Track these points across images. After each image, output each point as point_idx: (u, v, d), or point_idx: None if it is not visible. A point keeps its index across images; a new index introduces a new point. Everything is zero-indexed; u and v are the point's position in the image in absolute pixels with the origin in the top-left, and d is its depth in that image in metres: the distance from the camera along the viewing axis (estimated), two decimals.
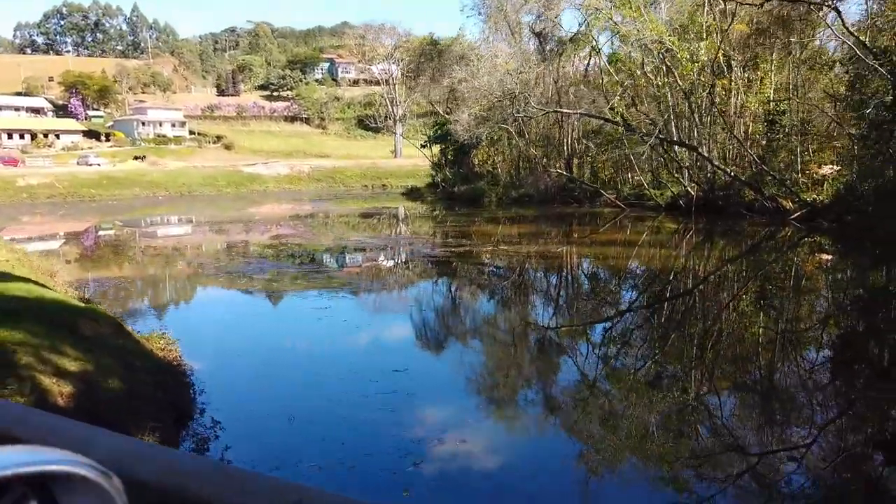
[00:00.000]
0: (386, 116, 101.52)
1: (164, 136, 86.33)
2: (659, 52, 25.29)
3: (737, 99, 29.64)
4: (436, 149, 46.61)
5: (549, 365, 10.68)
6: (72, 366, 6.70)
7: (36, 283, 9.93)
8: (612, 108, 27.99)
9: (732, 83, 29.27)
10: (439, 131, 42.60)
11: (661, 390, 9.05)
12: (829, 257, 21.62)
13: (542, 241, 23.86)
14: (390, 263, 20.70)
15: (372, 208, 40.80)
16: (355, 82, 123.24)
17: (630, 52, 27.39)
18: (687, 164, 30.28)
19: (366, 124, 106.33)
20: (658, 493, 6.28)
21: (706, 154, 27.25)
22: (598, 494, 6.27)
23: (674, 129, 27.89)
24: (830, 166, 27.88)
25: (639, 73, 26.80)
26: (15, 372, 6.09)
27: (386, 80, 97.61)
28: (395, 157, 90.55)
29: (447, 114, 43.82)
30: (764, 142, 28.49)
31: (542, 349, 11.63)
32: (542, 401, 8.97)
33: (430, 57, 44.44)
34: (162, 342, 9.11)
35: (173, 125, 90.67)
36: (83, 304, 9.45)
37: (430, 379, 9.82)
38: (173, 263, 20.10)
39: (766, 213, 27.50)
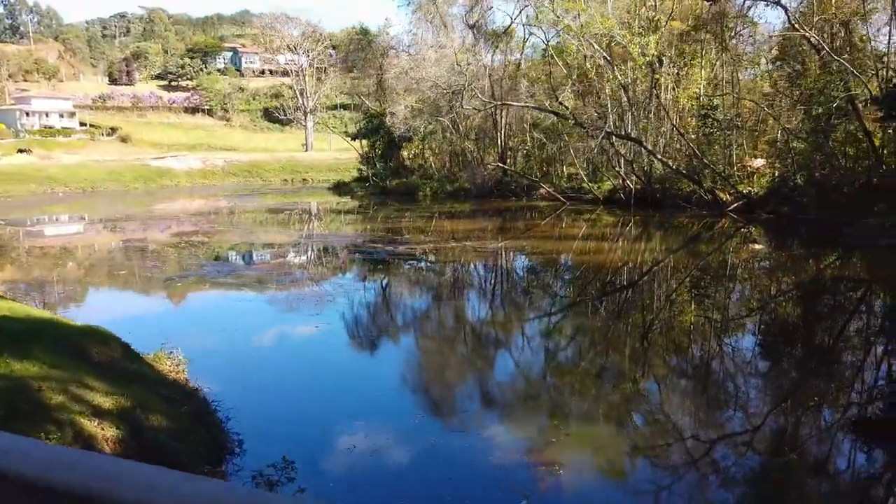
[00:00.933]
0: (296, 108, 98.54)
1: (51, 127, 79.50)
2: (604, 46, 25.42)
3: (668, 94, 30.32)
4: (363, 142, 45.21)
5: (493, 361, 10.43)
6: (106, 402, 5.43)
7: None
8: (559, 102, 27.92)
9: (663, 78, 29.90)
10: (370, 124, 41.30)
11: (605, 381, 9.21)
12: (760, 247, 22.41)
13: (484, 236, 23.41)
14: (321, 261, 19.69)
15: (293, 203, 39.08)
16: (261, 73, 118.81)
17: (578, 45, 27.28)
18: (625, 157, 30.71)
19: (276, 116, 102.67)
20: (610, 483, 6.40)
21: (650, 148, 27.66)
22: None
23: (617, 122, 28.14)
24: (761, 160, 29.14)
25: (588, 66, 26.79)
26: (51, 416, 4.81)
27: (295, 72, 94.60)
28: (307, 150, 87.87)
29: (374, 106, 42.62)
30: (696, 136, 29.28)
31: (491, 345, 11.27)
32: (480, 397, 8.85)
33: (361, 47, 42.96)
34: (169, 363, 7.80)
35: (61, 116, 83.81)
36: (81, 324, 7.95)
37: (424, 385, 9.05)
38: (63, 265, 18.26)
39: (703, 205, 28.26)
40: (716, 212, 27.33)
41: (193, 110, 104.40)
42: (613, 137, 27.49)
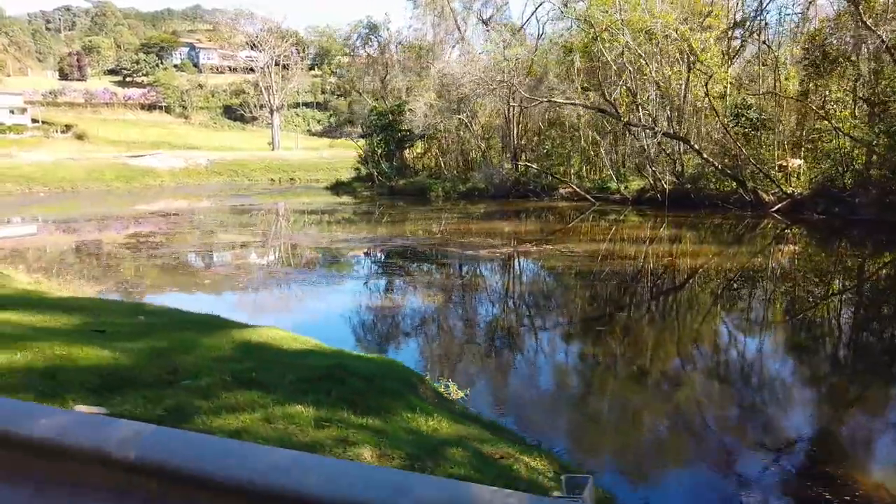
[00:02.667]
0: (260, 106, 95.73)
1: (0, 124, 74.93)
2: (644, 42, 24.82)
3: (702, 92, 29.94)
4: (367, 141, 43.58)
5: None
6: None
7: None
8: (609, 100, 27.15)
9: (699, 77, 29.51)
10: (378, 121, 39.73)
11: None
12: (846, 248, 21.98)
13: (550, 240, 22.21)
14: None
15: (305, 204, 37.22)
16: (220, 69, 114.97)
17: (613, 42, 26.57)
18: (665, 155, 30.18)
19: (240, 114, 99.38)
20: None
21: (697, 147, 27.22)
22: None
23: (664, 122, 27.58)
24: (798, 159, 29.08)
25: (643, 62, 26.08)
26: None
27: (261, 69, 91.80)
28: (273, 149, 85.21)
29: (378, 104, 41.10)
30: (732, 136, 28.95)
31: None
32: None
33: (367, 41, 41.22)
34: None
35: (12, 112, 79.09)
36: (377, 357, 6.52)
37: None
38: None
39: (744, 205, 27.93)
40: (759, 212, 27.03)
41: (150, 107, 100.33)
42: (661, 136, 26.87)
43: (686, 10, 26.14)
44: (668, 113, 27.14)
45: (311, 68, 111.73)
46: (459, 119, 33.95)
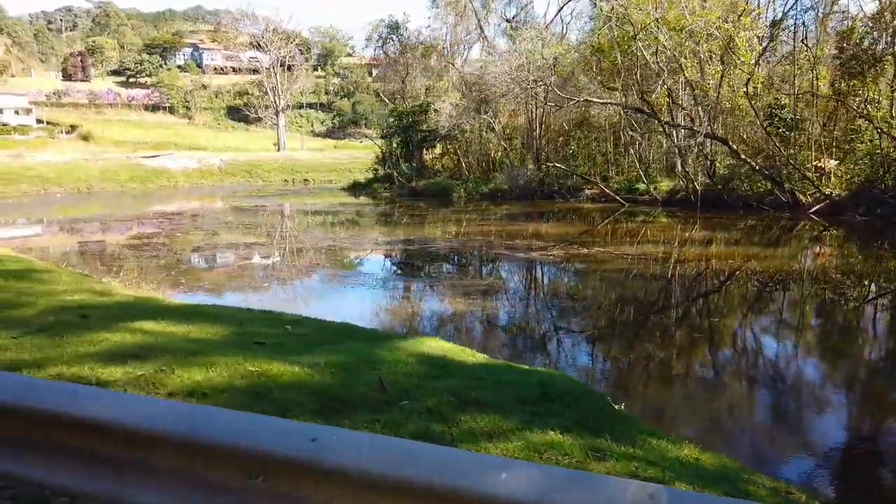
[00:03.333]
0: (266, 107, 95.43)
1: (5, 124, 74.27)
2: (698, 41, 24.44)
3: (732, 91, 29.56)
4: (386, 141, 43.11)
5: None
6: None
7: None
8: (647, 100, 26.74)
9: (730, 77, 29.16)
10: (399, 122, 39.26)
11: None
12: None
13: (595, 242, 21.81)
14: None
15: (330, 206, 36.76)
16: (223, 70, 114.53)
17: (644, 41, 26.14)
18: (687, 155, 29.81)
19: (244, 114, 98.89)
20: None
21: (734, 147, 26.84)
22: None
23: (701, 121, 27.17)
24: (833, 160, 28.73)
25: (685, 61, 25.69)
26: None
27: (267, 69, 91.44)
28: (279, 150, 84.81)
29: (398, 104, 40.67)
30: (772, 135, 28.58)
31: None
32: None
33: (387, 41, 40.70)
34: None
35: (17, 112, 78.48)
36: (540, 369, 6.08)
37: None
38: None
39: (779, 206, 27.56)
40: (797, 213, 26.65)
41: (154, 108, 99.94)
42: (703, 137, 26.47)
43: (725, 7, 25.73)
44: (702, 113, 26.72)
45: (315, 69, 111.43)
46: (484, 119, 33.51)
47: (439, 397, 4.04)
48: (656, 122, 28.02)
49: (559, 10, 32.85)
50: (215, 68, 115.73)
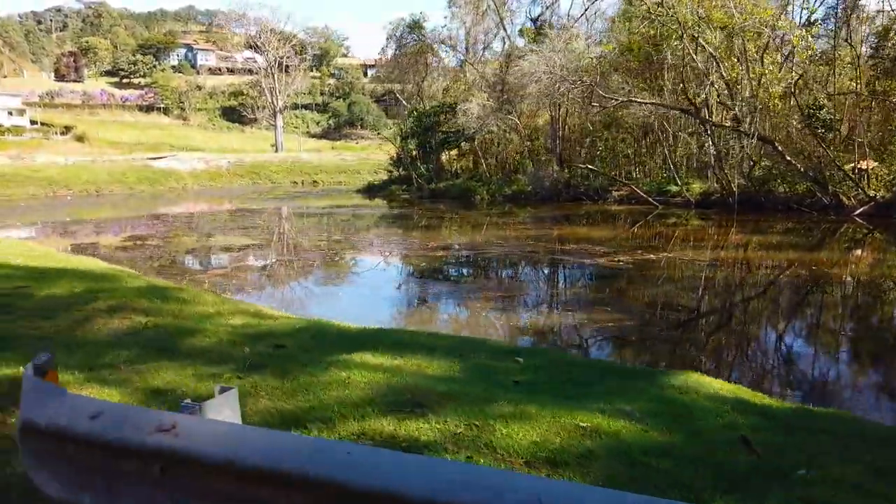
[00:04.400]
0: (262, 107, 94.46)
1: None
2: (748, 38, 23.82)
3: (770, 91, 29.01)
4: (406, 143, 42.22)
5: None
6: None
7: None
8: (690, 100, 26.10)
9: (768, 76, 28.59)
10: (419, 123, 38.41)
11: None
12: None
13: (654, 246, 20.90)
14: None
15: (355, 208, 35.85)
16: (218, 70, 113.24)
17: (711, 39, 25.28)
18: (725, 156, 29.26)
19: (240, 115, 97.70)
20: None
21: (779, 148, 26.28)
22: None
23: (742, 120, 26.57)
24: (872, 161, 28.26)
25: (731, 61, 25.10)
26: None
27: (264, 70, 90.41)
28: (277, 151, 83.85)
29: (413, 105, 39.85)
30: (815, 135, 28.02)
31: None
32: None
33: (402, 42, 39.69)
34: None
35: (10, 113, 76.92)
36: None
37: None
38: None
39: (820, 208, 27.05)
40: (841, 215, 26.11)
41: (148, 108, 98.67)
42: (752, 138, 25.87)
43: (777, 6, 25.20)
44: (741, 112, 26.15)
45: (310, 69, 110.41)
46: (511, 119, 32.79)
47: (851, 466, 3.18)
48: (699, 122, 27.35)
49: (585, 10, 32.15)
50: (210, 69, 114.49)
